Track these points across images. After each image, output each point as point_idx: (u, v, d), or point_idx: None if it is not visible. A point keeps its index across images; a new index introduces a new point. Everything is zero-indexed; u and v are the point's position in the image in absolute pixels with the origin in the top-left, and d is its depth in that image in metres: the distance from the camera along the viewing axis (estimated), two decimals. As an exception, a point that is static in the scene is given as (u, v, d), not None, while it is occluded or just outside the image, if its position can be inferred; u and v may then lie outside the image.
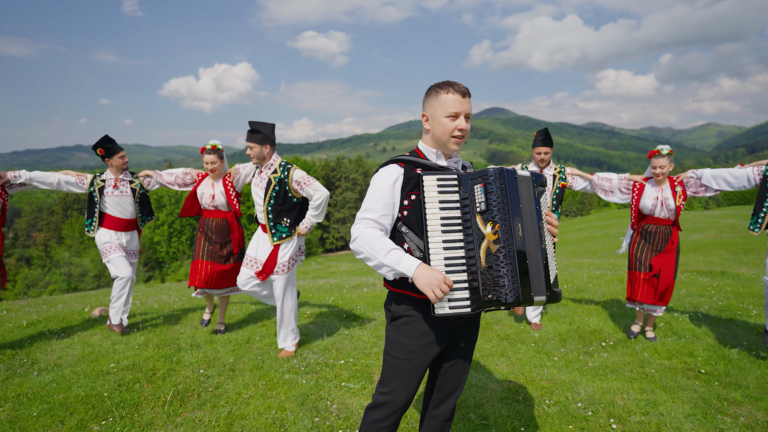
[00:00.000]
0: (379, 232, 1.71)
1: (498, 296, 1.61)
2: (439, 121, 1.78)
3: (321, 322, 4.87)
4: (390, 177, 1.75)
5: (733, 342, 4.01)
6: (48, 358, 3.72)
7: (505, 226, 1.65)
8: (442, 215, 1.70)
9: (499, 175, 1.68)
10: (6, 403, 2.92)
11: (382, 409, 1.83)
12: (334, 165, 71.70)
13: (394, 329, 1.84)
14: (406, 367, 1.81)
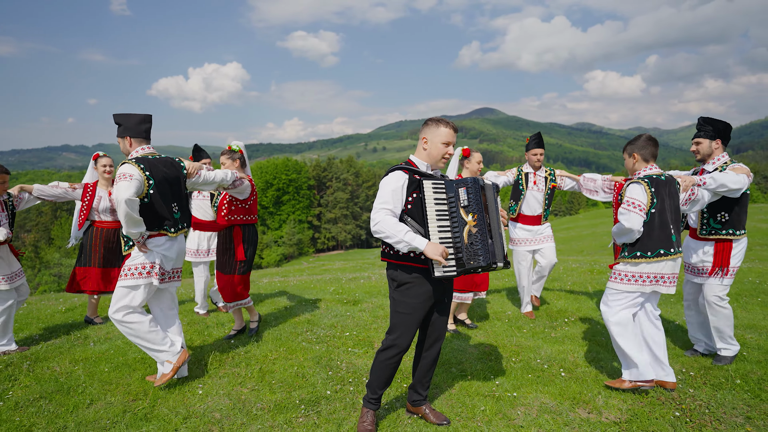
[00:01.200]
0: (395, 218, 2.44)
1: (477, 262, 2.41)
2: (437, 146, 2.55)
3: (325, 307, 5.57)
4: (399, 180, 2.48)
5: (674, 316, 4.78)
6: (98, 334, 4.39)
7: (480, 216, 2.43)
8: (437, 209, 2.46)
9: (474, 182, 2.48)
10: (78, 364, 3.59)
11: (391, 350, 2.57)
12: (325, 165, 72.20)
13: (400, 293, 2.56)
14: (409, 319, 2.54)
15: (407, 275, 2.53)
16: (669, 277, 3.04)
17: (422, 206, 2.45)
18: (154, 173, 3.05)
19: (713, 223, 3.47)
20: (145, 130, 3.22)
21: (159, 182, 3.06)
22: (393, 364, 2.60)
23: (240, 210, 4.05)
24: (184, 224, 3.29)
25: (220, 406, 2.93)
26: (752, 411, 2.84)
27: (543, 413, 2.81)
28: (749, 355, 3.68)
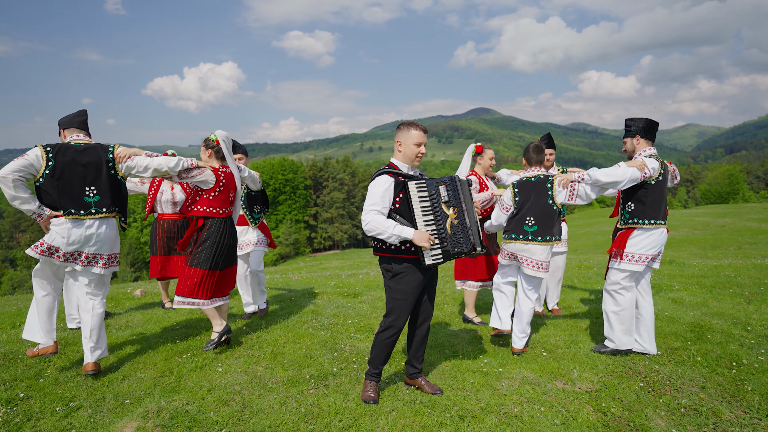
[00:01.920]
0: (384, 216, 2.81)
1: (460, 249, 2.80)
2: (410, 147, 2.91)
3: (327, 299, 5.94)
4: (386, 183, 2.84)
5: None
6: (118, 323, 4.74)
7: (459, 209, 2.82)
8: (421, 206, 2.82)
9: (451, 180, 2.88)
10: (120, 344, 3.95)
11: (389, 331, 2.95)
12: (321, 165, 72.45)
13: (395, 281, 2.93)
14: (404, 304, 2.92)
15: (400, 266, 2.90)
16: (524, 258, 3.76)
17: (409, 204, 2.82)
18: (60, 157, 3.17)
19: (624, 213, 3.73)
20: (79, 122, 3.45)
21: (63, 165, 3.17)
22: (390, 342, 2.98)
23: (204, 201, 3.81)
24: (102, 209, 3.31)
25: (238, 380, 3.30)
26: (707, 382, 3.24)
27: (524, 384, 3.19)
28: (713, 337, 4.09)
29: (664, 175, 3.66)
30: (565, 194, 3.67)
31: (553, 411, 2.84)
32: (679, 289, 6.12)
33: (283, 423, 2.70)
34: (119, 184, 3.44)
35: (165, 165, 3.48)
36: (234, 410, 2.84)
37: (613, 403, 2.95)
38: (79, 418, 2.80)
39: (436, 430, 2.62)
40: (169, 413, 2.75)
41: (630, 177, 3.49)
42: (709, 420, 2.77)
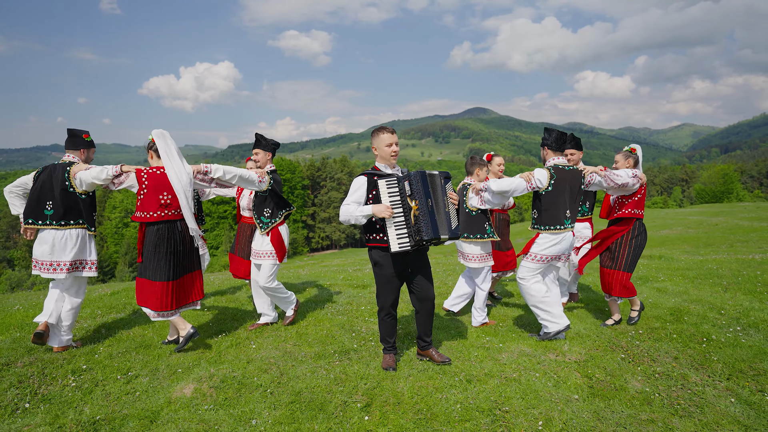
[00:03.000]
0: (355, 206, 3.26)
1: (422, 237, 3.17)
2: (383, 148, 3.37)
3: (339, 290, 6.41)
4: (360, 182, 3.33)
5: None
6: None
7: (421, 201, 3.20)
8: (390, 199, 3.23)
9: (415, 176, 3.25)
10: (147, 329, 4.41)
11: (381, 311, 3.47)
12: (319, 165, 72.87)
13: (377, 269, 3.40)
14: (385, 288, 3.40)
15: (377, 256, 3.38)
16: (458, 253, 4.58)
17: (379, 198, 3.25)
18: (39, 176, 3.77)
19: (532, 220, 4.12)
20: (68, 142, 3.90)
21: (38, 183, 3.74)
22: (388, 319, 3.47)
23: (137, 207, 3.73)
24: (53, 221, 3.71)
25: (272, 355, 3.76)
26: (679, 354, 3.73)
27: (522, 356, 3.67)
28: (689, 319, 4.58)
29: (557, 185, 3.91)
30: (476, 200, 4.20)
31: (547, 376, 3.32)
32: (663, 280, 6.62)
33: (317, 386, 3.16)
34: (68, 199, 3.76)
35: (95, 177, 3.67)
36: (273, 376, 3.31)
37: (598, 370, 3.43)
38: (140, 384, 3.26)
39: (447, 390, 3.10)
40: (219, 378, 3.22)
41: (517, 186, 3.89)
42: (678, 382, 3.25)
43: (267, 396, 3.04)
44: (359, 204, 3.30)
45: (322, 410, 2.85)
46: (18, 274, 48.05)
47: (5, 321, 4.83)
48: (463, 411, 2.82)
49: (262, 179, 4.14)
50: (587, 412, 2.82)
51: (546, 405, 2.88)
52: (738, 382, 3.25)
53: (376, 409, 2.88)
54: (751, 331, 4.22)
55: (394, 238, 3.18)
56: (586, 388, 3.18)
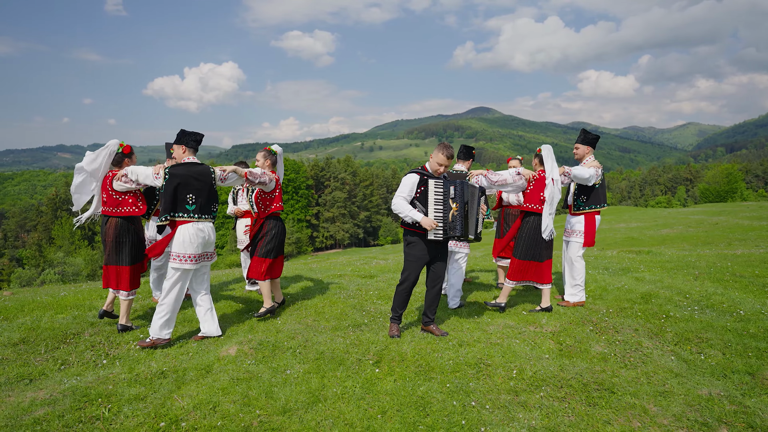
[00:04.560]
0: (407, 201, 3.99)
1: (454, 233, 3.96)
2: (435, 164, 4.07)
3: (349, 279, 7.12)
4: (414, 178, 4.04)
5: (615, 282, 6.37)
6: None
7: (461, 205, 3.98)
8: (435, 198, 4.00)
9: (460, 184, 4.02)
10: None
11: (404, 284, 4.15)
12: (323, 165, 73.64)
13: (409, 248, 4.13)
14: (414, 265, 4.11)
15: (413, 237, 4.11)
16: None
17: (426, 195, 4.01)
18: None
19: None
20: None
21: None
22: (405, 292, 4.19)
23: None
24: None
25: (296, 327, 4.48)
26: (640, 327, 4.42)
27: (506, 328, 4.37)
28: (656, 301, 5.25)
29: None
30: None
31: (525, 342, 4.02)
32: (643, 271, 7.30)
33: (336, 348, 3.88)
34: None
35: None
36: (300, 342, 4.04)
37: (568, 338, 4.13)
38: (191, 347, 4.00)
39: (442, 351, 3.81)
40: (257, 342, 3.94)
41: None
42: (632, 347, 3.95)
43: (296, 355, 3.76)
44: (409, 197, 3.99)
45: (342, 364, 3.56)
46: (28, 272, 49.12)
47: (61, 303, 5.58)
48: (454, 365, 3.53)
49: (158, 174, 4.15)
50: (554, 366, 3.52)
51: (521, 361, 3.58)
52: (683, 346, 3.94)
53: (384, 364, 3.59)
54: (707, 311, 4.90)
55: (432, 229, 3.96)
56: (556, 350, 3.88)
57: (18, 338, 4.25)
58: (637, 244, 25.11)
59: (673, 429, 2.66)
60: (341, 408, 2.90)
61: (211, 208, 4.22)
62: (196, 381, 3.30)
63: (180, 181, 4.01)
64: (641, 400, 2.96)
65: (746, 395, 3.01)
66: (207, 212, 4.17)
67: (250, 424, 2.73)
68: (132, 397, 3.05)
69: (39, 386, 3.28)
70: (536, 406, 2.92)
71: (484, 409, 2.90)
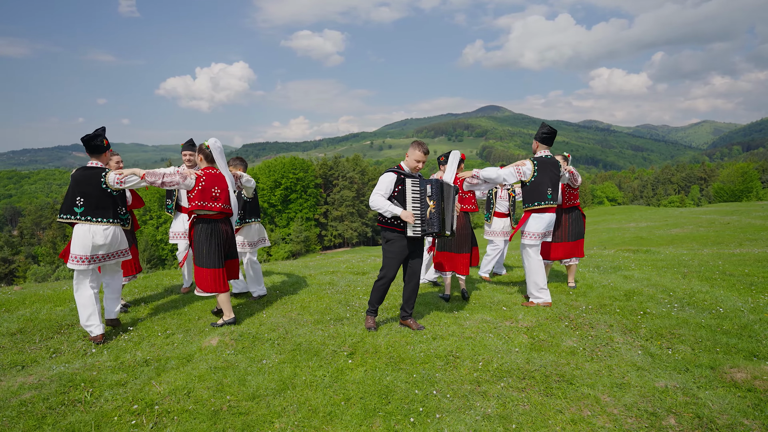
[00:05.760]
0: (384, 198, 4.12)
1: (432, 230, 4.09)
2: (412, 161, 4.21)
3: (341, 275, 7.28)
4: (391, 177, 4.17)
5: (603, 279, 6.43)
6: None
7: (438, 203, 4.10)
8: (413, 196, 4.12)
9: (437, 182, 4.14)
10: (190, 299, 5.33)
11: (382, 279, 4.28)
12: (331, 164, 73.91)
13: (388, 245, 4.25)
14: (392, 261, 4.24)
15: (391, 235, 4.23)
16: None
17: (404, 194, 4.13)
18: None
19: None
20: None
21: None
22: (383, 288, 4.32)
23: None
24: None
25: (279, 320, 4.64)
26: (616, 323, 4.49)
27: (482, 323, 4.48)
28: (637, 298, 5.32)
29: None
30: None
31: (498, 336, 4.13)
32: (633, 269, 7.34)
33: (314, 340, 4.03)
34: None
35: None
36: (280, 334, 4.19)
37: (542, 333, 4.23)
38: (176, 339, 4.17)
39: (415, 344, 3.93)
40: (238, 333, 4.11)
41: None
42: (603, 341, 4.03)
43: (274, 346, 3.91)
44: (387, 195, 4.14)
45: (317, 355, 3.71)
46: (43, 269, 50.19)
47: (61, 296, 5.81)
48: (424, 357, 3.65)
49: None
50: (521, 359, 3.62)
51: (489, 353, 3.70)
52: (653, 342, 4.02)
53: (358, 355, 3.73)
54: (687, 308, 4.96)
55: (410, 225, 4.10)
56: (528, 344, 3.98)
57: (16, 328, 4.47)
58: (645, 244, 24.97)
59: (622, 418, 2.75)
60: (308, 395, 3.05)
61: (106, 211, 4.19)
62: (176, 369, 3.47)
63: (73, 184, 4.17)
64: (597, 391, 3.06)
65: (702, 388, 3.09)
66: (100, 215, 4.17)
67: (219, 408, 2.89)
68: (114, 383, 3.24)
69: (29, 372, 3.47)
70: (495, 395, 3.04)
71: (445, 397, 3.02)
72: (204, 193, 4.39)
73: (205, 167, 4.51)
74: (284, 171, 67.25)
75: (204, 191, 4.39)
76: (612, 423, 2.71)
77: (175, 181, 4.31)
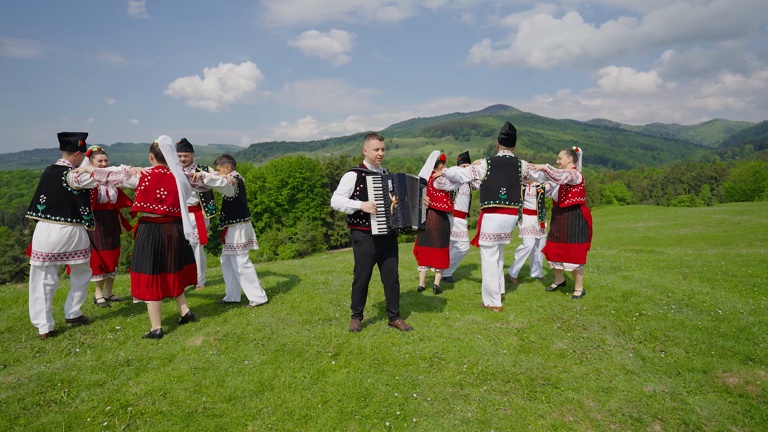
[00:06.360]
0: (345, 197, 4.04)
1: (397, 226, 3.98)
2: (371, 151, 4.13)
3: (336, 275, 7.21)
4: (350, 176, 4.09)
5: (601, 280, 6.31)
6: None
7: (401, 197, 4.00)
8: (375, 193, 4.03)
9: (397, 176, 4.04)
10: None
11: (356, 282, 4.23)
12: (338, 163, 73.98)
13: (357, 246, 4.18)
14: (364, 261, 4.17)
15: (359, 235, 4.16)
16: None
17: (366, 192, 4.05)
18: None
19: None
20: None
21: None
22: (360, 290, 4.26)
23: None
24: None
25: (267, 320, 4.59)
26: (609, 325, 4.39)
27: (473, 324, 4.39)
28: (634, 299, 5.20)
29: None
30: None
31: (488, 338, 4.05)
32: (634, 269, 7.20)
33: (299, 341, 3.97)
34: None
35: None
36: (266, 334, 4.14)
37: (533, 335, 4.14)
38: (162, 338, 4.14)
39: (402, 345, 3.86)
40: (223, 333, 4.06)
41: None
42: (595, 344, 3.93)
43: (258, 346, 3.86)
44: (348, 195, 4.08)
45: (300, 356, 3.65)
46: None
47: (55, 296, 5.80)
48: (409, 358, 3.58)
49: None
50: (507, 361, 3.54)
51: (476, 355, 3.61)
52: (647, 344, 3.91)
53: (342, 357, 3.66)
54: (685, 309, 4.83)
55: (375, 224, 4.02)
56: (517, 346, 3.90)
57: (4, 327, 4.47)
58: (652, 244, 24.63)
59: (605, 423, 2.66)
60: (285, 397, 2.99)
61: (65, 210, 4.20)
62: (156, 369, 3.43)
63: (40, 182, 4.24)
64: (581, 395, 2.97)
65: (692, 393, 2.99)
66: (59, 214, 4.19)
67: (194, 410, 2.84)
68: (92, 383, 3.20)
69: (10, 371, 3.45)
70: (477, 399, 2.95)
71: (425, 401, 2.95)
72: (147, 193, 4.17)
73: (155, 166, 4.30)
74: (291, 170, 67.40)
75: (147, 192, 4.17)
76: (594, 429, 2.62)
77: (119, 179, 4.18)
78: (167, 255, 4.29)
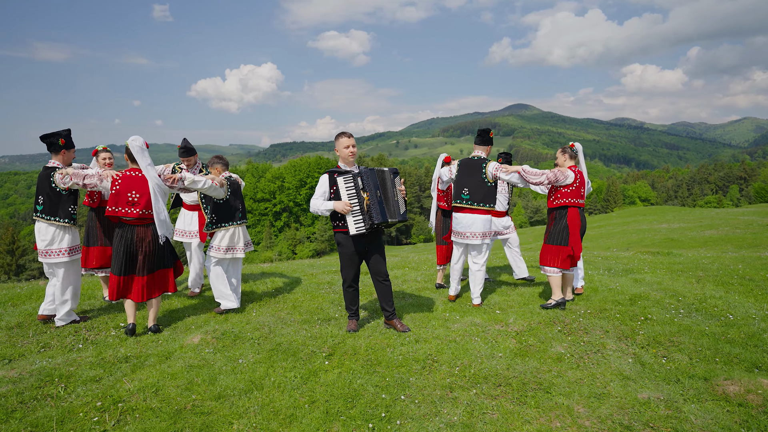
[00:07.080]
0: (321, 200, 4.04)
1: (374, 221, 3.94)
2: (342, 150, 4.10)
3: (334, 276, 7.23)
4: (323, 179, 4.09)
5: (611, 283, 6.16)
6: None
7: (372, 193, 3.97)
8: (347, 193, 4.01)
9: (366, 172, 4.03)
10: (180, 296, 5.40)
11: (344, 283, 4.23)
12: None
13: (340, 248, 4.17)
14: (348, 261, 4.16)
15: (340, 238, 4.15)
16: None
17: (339, 193, 4.04)
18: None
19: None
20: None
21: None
22: (350, 291, 4.26)
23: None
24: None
25: (267, 319, 4.63)
26: (612, 329, 4.28)
27: (471, 326, 4.35)
28: (641, 303, 5.06)
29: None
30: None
31: (485, 340, 3.99)
32: (646, 272, 7.01)
33: (295, 340, 4.00)
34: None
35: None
36: (263, 333, 4.18)
37: (532, 338, 4.06)
38: (162, 336, 4.22)
39: (396, 347, 3.84)
40: (221, 332, 4.12)
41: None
42: (594, 348, 3.84)
43: (255, 345, 3.90)
44: (324, 198, 4.09)
45: (294, 355, 3.67)
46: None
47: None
48: (402, 360, 3.56)
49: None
50: (502, 364, 3.49)
51: (470, 358, 3.57)
52: (649, 349, 3.80)
53: (336, 357, 3.67)
54: (694, 314, 4.68)
55: (351, 223, 3.98)
56: (514, 349, 3.83)
57: (15, 322, 4.62)
58: (675, 246, 23.93)
59: (593, 430, 2.59)
60: (274, 396, 3.01)
61: (56, 209, 4.41)
62: (152, 366, 3.50)
63: (37, 183, 4.50)
64: (572, 401, 2.90)
65: (689, 401, 2.89)
66: (52, 214, 4.40)
67: (183, 407, 2.88)
68: (88, 379, 3.28)
69: (13, 366, 3.57)
70: (465, 402, 2.92)
71: (413, 403, 2.93)
72: (118, 197, 4.09)
73: (129, 168, 4.23)
74: (310, 170, 68.01)
75: (119, 195, 4.09)
76: (582, 436, 2.56)
77: (93, 183, 4.19)
78: (138, 258, 4.21)
